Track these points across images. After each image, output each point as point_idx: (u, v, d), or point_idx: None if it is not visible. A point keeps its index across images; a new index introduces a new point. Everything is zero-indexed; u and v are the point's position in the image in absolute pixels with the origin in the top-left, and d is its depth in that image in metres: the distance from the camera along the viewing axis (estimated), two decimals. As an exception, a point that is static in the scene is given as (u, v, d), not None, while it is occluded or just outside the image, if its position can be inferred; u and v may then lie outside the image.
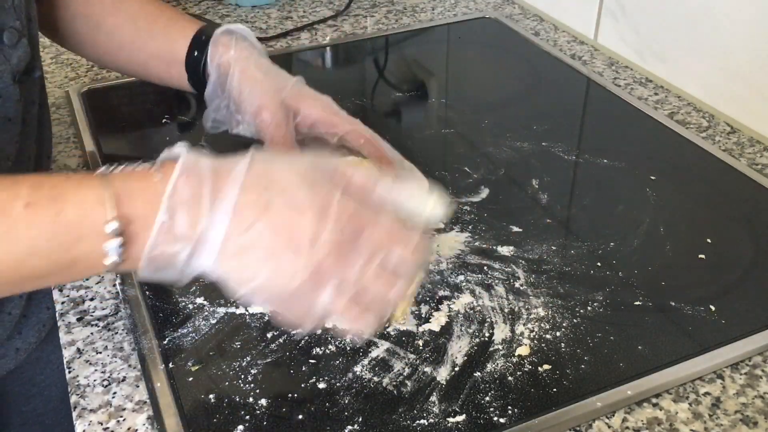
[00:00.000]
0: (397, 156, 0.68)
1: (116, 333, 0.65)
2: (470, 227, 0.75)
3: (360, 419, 0.56)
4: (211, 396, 0.58)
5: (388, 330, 0.63)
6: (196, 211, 0.46)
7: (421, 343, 0.62)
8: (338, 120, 0.69)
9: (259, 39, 1.15)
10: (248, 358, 0.61)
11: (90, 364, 0.62)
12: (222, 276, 0.48)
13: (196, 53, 0.74)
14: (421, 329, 0.63)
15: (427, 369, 0.59)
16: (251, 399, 0.57)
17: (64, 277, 0.52)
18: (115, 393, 0.59)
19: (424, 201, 0.51)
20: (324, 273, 0.46)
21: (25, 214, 0.45)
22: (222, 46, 0.73)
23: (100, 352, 0.63)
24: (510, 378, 0.59)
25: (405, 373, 0.59)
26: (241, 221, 0.46)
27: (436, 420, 0.55)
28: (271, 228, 0.46)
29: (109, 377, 0.61)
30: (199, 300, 0.66)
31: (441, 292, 0.67)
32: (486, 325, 0.63)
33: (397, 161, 0.68)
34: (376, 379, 0.59)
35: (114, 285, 0.69)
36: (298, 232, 0.46)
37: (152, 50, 0.77)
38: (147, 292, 0.67)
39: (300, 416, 0.56)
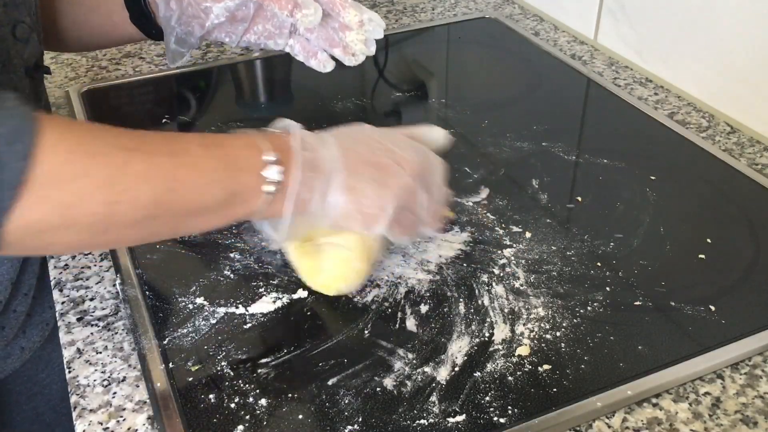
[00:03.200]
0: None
1: (116, 333, 0.65)
2: (470, 227, 0.75)
3: (360, 419, 0.56)
4: (211, 396, 0.58)
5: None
6: (318, 153, 0.56)
7: (421, 343, 0.62)
8: None
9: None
10: (248, 358, 0.61)
11: (90, 364, 0.62)
12: (344, 208, 0.57)
13: None
14: (420, 329, 0.63)
15: (427, 369, 0.59)
16: (251, 399, 0.57)
17: (225, 214, 0.55)
18: (115, 393, 0.59)
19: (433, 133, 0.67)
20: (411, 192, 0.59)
21: (201, 151, 0.53)
22: None
23: (100, 352, 0.63)
24: (510, 378, 0.59)
25: (405, 373, 0.59)
26: (350, 165, 0.57)
27: (436, 420, 0.55)
28: (373, 167, 0.58)
29: (109, 377, 0.61)
30: (199, 300, 0.66)
31: (441, 292, 0.67)
32: (486, 325, 0.64)
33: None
34: (376, 379, 0.59)
35: (114, 285, 0.69)
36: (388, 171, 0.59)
37: (90, 4, 0.75)
38: (147, 292, 0.67)
39: (300, 416, 0.56)
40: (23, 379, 0.85)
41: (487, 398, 0.57)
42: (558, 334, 0.63)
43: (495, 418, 0.56)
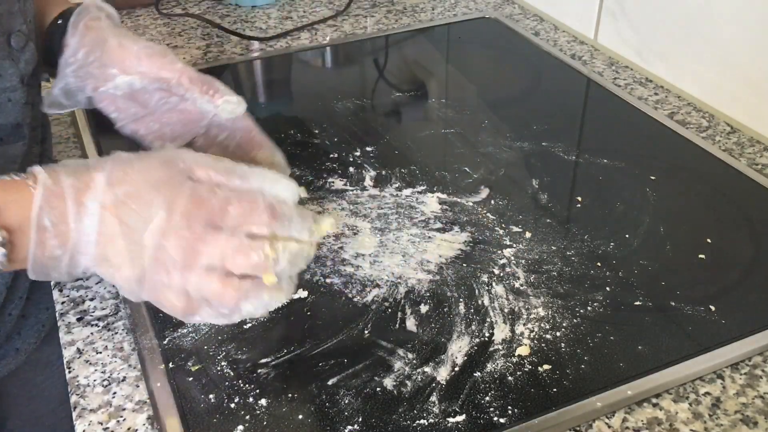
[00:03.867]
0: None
1: (116, 333, 0.65)
2: (470, 227, 0.75)
3: (360, 419, 0.56)
4: (211, 396, 0.58)
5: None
6: (65, 227, 0.49)
7: (421, 343, 0.62)
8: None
9: (259, 39, 1.15)
10: (248, 358, 0.61)
11: (90, 364, 0.62)
12: (101, 274, 0.52)
13: (60, 21, 0.70)
14: (420, 329, 0.63)
15: (427, 369, 0.59)
16: (251, 399, 0.57)
17: None
18: (115, 393, 0.59)
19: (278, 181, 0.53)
20: (164, 260, 0.49)
21: None
22: (93, 10, 0.68)
23: (100, 352, 0.63)
24: (510, 378, 0.59)
25: (405, 373, 0.59)
26: (105, 232, 0.49)
27: (436, 420, 0.55)
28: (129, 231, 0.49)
29: (109, 377, 0.61)
30: (199, 300, 0.66)
31: (441, 292, 0.67)
32: (486, 325, 0.63)
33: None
34: (376, 379, 0.59)
35: (114, 285, 0.69)
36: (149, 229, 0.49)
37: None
38: (147, 292, 0.67)
39: (300, 416, 0.56)
40: (21, 381, 0.85)
41: (487, 398, 0.57)
42: (558, 334, 0.63)
43: (495, 418, 0.56)
